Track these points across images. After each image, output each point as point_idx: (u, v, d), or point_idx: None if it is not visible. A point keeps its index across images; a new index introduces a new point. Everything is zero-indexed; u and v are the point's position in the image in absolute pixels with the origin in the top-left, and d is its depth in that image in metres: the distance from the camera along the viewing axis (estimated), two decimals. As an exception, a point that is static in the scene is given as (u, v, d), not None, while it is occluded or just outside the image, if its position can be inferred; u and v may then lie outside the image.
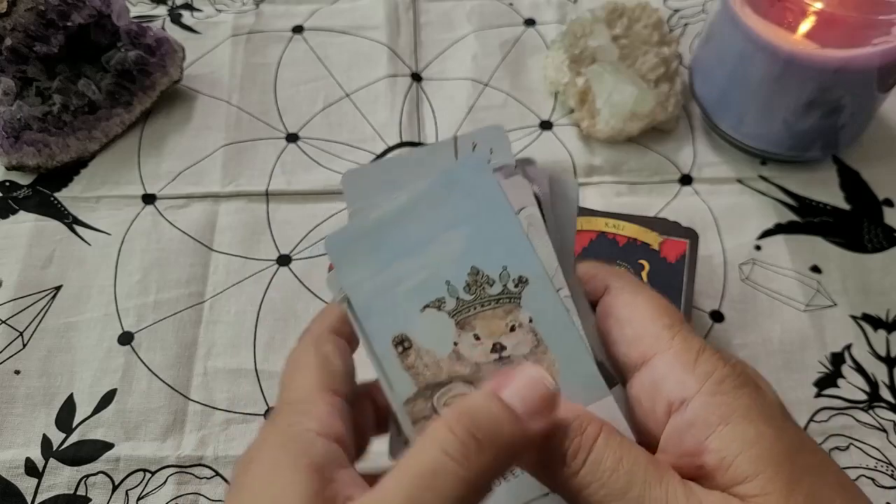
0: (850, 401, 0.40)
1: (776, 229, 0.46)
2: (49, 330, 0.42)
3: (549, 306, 0.24)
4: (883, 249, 0.46)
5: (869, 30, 0.40)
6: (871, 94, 0.45)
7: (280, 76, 0.53)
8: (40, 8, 0.46)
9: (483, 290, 0.25)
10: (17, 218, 0.47)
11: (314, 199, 0.48)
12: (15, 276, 0.44)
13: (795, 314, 0.43)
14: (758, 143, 0.48)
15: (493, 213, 0.25)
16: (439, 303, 0.25)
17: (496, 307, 0.25)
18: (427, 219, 0.25)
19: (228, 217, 0.47)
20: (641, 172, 0.49)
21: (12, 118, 0.47)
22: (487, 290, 0.25)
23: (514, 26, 0.56)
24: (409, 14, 0.57)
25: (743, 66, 0.45)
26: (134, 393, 0.40)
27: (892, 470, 0.38)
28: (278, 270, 0.45)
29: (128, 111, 0.50)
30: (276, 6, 0.57)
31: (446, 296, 0.25)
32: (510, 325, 0.25)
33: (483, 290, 0.25)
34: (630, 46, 0.50)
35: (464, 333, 0.25)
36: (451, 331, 0.25)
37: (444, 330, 0.25)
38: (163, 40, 0.51)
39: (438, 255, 0.25)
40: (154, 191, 0.48)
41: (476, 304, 0.25)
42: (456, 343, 0.25)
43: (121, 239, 0.46)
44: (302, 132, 0.51)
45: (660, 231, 0.41)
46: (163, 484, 0.38)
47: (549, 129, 0.51)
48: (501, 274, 0.25)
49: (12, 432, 0.39)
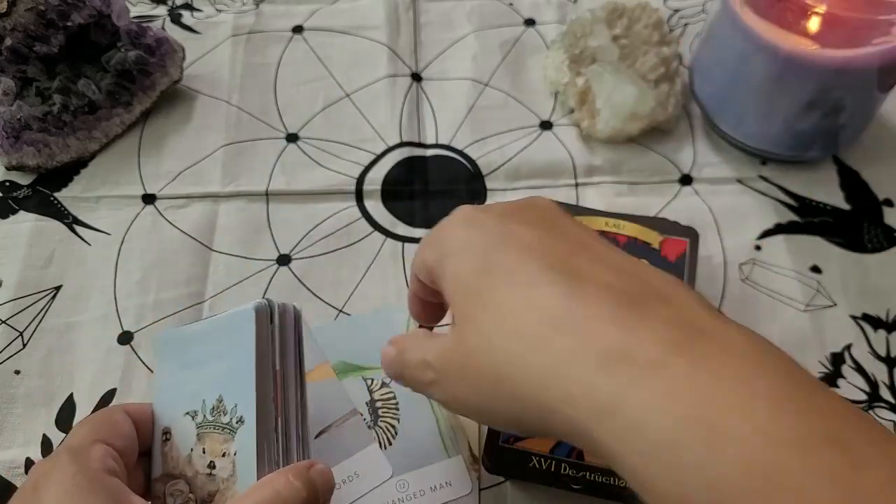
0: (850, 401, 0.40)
1: (776, 229, 0.46)
2: (49, 330, 0.42)
3: (247, 452, 0.29)
4: (883, 249, 0.46)
5: (869, 30, 0.40)
6: (871, 94, 0.45)
7: (280, 76, 0.53)
8: (40, 8, 0.46)
9: (219, 416, 0.30)
10: (17, 218, 0.47)
11: (314, 199, 0.48)
12: (15, 276, 0.44)
13: (795, 314, 0.43)
14: (758, 143, 0.48)
15: (243, 359, 0.29)
16: (194, 413, 0.30)
17: (221, 433, 0.29)
18: (209, 344, 0.31)
19: (228, 217, 0.47)
20: (641, 172, 0.49)
21: (12, 118, 0.47)
22: (221, 417, 0.30)
23: (514, 26, 0.56)
24: (409, 14, 0.57)
25: (743, 66, 0.45)
26: (134, 393, 0.40)
27: (892, 470, 0.38)
28: (278, 270, 0.45)
29: (128, 111, 0.50)
30: (276, 6, 0.57)
31: (199, 410, 0.30)
32: (223, 451, 0.29)
33: (219, 416, 0.30)
34: (630, 46, 0.50)
35: (199, 444, 0.30)
36: (193, 438, 0.30)
37: (189, 436, 0.30)
38: (163, 40, 0.51)
39: (205, 376, 0.30)
40: (154, 191, 0.48)
41: (212, 426, 0.30)
42: (192, 449, 0.30)
43: (121, 239, 0.46)
44: (302, 132, 0.51)
45: (660, 230, 0.41)
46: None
47: (549, 129, 0.51)
48: (232, 409, 0.29)
49: (12, 432, 0.39)
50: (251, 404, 0.28)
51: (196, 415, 0.30)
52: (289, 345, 0.31)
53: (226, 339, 0.30)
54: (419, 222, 0.47)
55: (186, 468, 0.30)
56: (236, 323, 0.30)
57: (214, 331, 0.31)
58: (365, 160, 0.49)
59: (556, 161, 0.49)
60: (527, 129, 0.51)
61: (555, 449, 0.35)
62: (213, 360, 0.30)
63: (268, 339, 0.30)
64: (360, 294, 0.44)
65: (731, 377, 0.21)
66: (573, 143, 0.50)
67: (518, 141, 0.50)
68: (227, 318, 0.31)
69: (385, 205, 0.48)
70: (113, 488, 0.27)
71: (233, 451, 0.29)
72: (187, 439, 0.30)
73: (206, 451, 0.29)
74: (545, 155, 0.49)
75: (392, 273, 0.45)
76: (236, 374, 0.29)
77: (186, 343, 0.32)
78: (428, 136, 0.51)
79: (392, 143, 0.50)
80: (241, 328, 0.30)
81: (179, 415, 0.31)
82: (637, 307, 0.23)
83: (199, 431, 0.30)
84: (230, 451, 0.29)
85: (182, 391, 0.31)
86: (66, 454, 0.28)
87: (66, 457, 0.28)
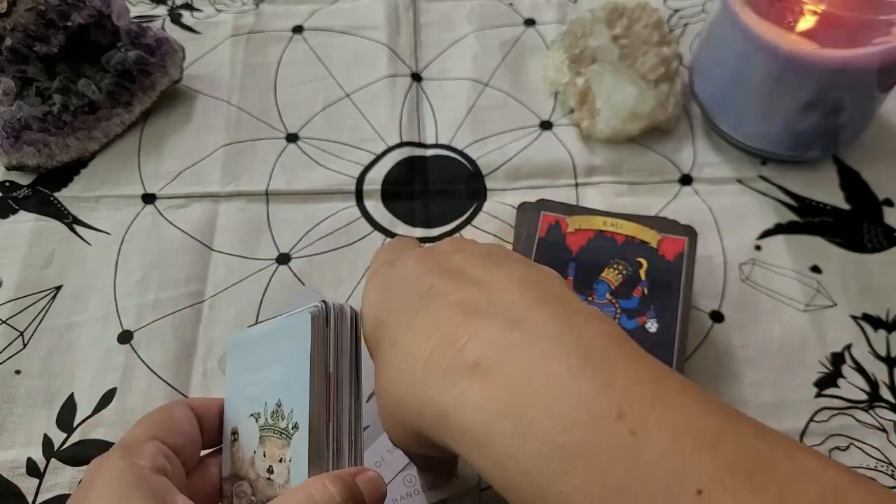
0: (850, 401, 0.40)
1: (776, 229, 0.46)
2: (49, 330, 0.42)
3: (299, 460, 0.29)
4: (883, 249, 0.46)
5: (869, 30, 0.40)
6: (871, 94, 0.45)
7: (280, 76, 0.54)
8: (40, 8, 0.46)
9: (278, 421, 0.30)
10: (17, 218, 0.47)
11: (314, 199, 0.48)
12: (15, 276, 0.44)
13: (795, 314, 0.43)
14: (758, 143, 0.48)
15: (298, 364, 0.29)
16: (257, 416, 0.31)
17: (280, 438, 0.29)
18: (269, 347, 0.31)
19: (228, 217, 0.47)
20: (641, 172, 0.49)
21: (12, 118, 0.47)
22: (280, 422, 0.30)
23: (514, 26, 0.56)
24: (409, 14, 0.57)
25: (743, 66, 0.45)
26: (134, 392, 0.40)
27: (892, 470, 0.38)
28: (278, 269, 0.45)
29: (128, 111, 0.50)
30: (276, 6, 0.57)
31: (261, 413, 0.30)
32: (280, 456, 0.29)
33: (278, 421, 0.30)
34: (630, 46, 0.50)
35: (260, 447, 0.30)
36: (255, 441, 0.30)
37: (253, 438, 0.30)
38: (163, 40, 0.51)
39: (266, 379, 0.31)
40: (154, 191, 0.48)
41: (271, 430, 0.30)
42: (255, 452, 0.30)
43: (121, 238, 0.46)
44: (302, 132, 0.51)
45: (658, 229, 0.41)
46: (163, 484, 0.38)
47: (549, 129, 0.51)
48: (289, 414, 0.29)
49: (13, 432, 0.39)
50: (305, 411, 0.29)
51: (259, 417, 0.31)
52: (344, 347, 0.30)
53: (283, 343, 0.31)
54: (419, 222, 0.47)
55: (250, 470, 0.30)
56: (293, 327, 0.30)
57: (273, 334, 0.31)
58: (365, 160, 0.49)
59: (556, 161, 0.49)
60: (527, 129, 0.51)
61: None
62: (273, 363, 0.31)
63: (323, 343, 0.30)
64: (360, 294, 0.44)
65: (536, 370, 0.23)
66: (573, 143, 0.50)
67: (518, 141, 0.50)
68: (285, 321, 0.31)
69: (385, 205, 0.48)
70: (158, 486, 0.27)
71: (288, 456, 0.29)
72: (251, 441, 0.31)
73: (266, 454, 0.30)
74: (545, 155, 0.49)
75: (392, 273, 0.45)
76: (293, 379, 0.29)
77: (250, 345, 0.32)
78: (428, 136, 0.51)
79: (392, 143, 0.50)
80: (297, 332, 0.30)
81: (245, 416, 0.31)
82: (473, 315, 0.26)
83: (262, 434, 0.30)
84: (286, 456, 0.29)
85: (246, 392, 0.32)
86: (118, 450, 0.28)
87: (117, 453, 0.28)
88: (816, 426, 0.40)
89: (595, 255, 0.40)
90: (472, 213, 0.47)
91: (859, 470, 0.38)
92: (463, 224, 0.47)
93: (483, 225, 0.47)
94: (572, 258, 0.40)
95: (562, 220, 0.41)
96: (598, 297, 0.39)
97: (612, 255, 0.40)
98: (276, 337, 0.31)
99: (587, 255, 0.40)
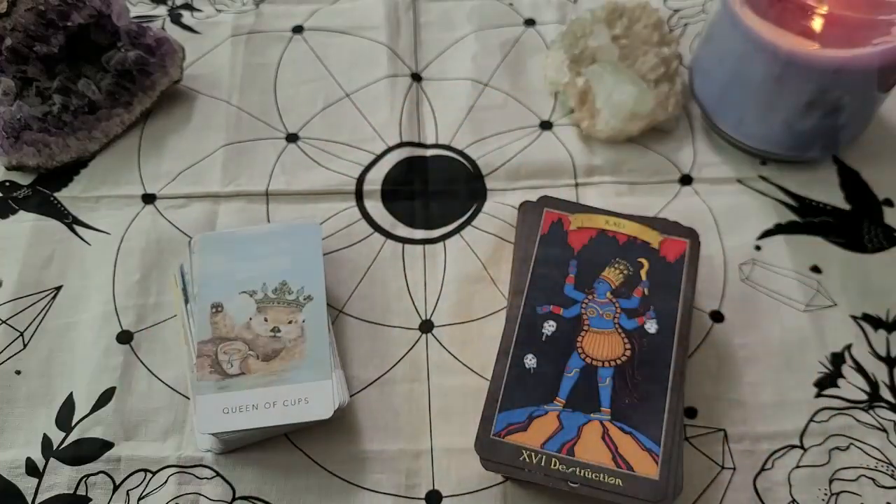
0: (850, 401, 0.40)
1: (776, 229, 0.46)
2: (49, 330, 0.42)
3: (317, 318, 0.40)
4: (883, 249, 0.46)
5: (869, 30, 0.40)
6: (871, 94, 0.45)
7: (280, 76, 0.54)
8: (40, 8, 0.46)
9: (283, 295, 0.40)
10: (17, 218, 0.47)
11: (314, 199, 0.48)
12: (15, 276, 0.44)
13: (795, 314, 0.43)
14: (758, 143, 0.48)
15: (309, 255, 0.42)
16: (252, 293, 0.40)
17: (286, 307, 0.40)
18: (270, 245, 0.42)
19: (228, 217, 0.47)
20: (641, 172, 0.49)
21: (12, 118, 0.47)
22: (286, 296, 0.40)
23: (514, 26, 0.56)
24: (409, 14, 0.57)
25: (743, 66, 0.45)
26: (133, 392, 0.40)
27: (892, 470, 0.38)
28: (278, 270, 0.45)
29: (128, 111, 0.50)
30: (276, 6, 0.57)
31: (258, 290, 0.40)
32: (290, 319, 0.40)
33: (283, 295, 0.40)
34: (630, 46, 0.51)
35: (258, 315, 0.40)
36: (251, 311, 0.40)
37: (247, 309, 0.40)
38: (163, 40, 0.51)
39: (266, 267, 0.41)
40: (154, 191, 0.48)
41: (275, 301, 0.40)
42: (251, 319, 0.39)
43: (120, 239, 0.46)
44: (302, 132, 0.51)
45: (660, 230, 0.41)
46: (163, 484, 0.38)
47: (549, 129, 0.51)
48: (299, 290, 0.40)
49: (13, 432, 0.39)
50: (321, 286, 0.40)
51: (255, 294, 0.40)
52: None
53: (287, 241, 0.42)
54: (419, 222, 0.47)
55: (244, 333, 0.39)
56: (300, 232, 0.42)
57: (274, 235, 0.42)
58: (365, 160, 0.49)
59: (556, 161, 0.49)
60: (527, 129, 0.51)
61: (545, 443, 0.35)
62: (274, 255, 0.41)
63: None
64: (360, 294, 0.44)
65: None
66: (573, 143, 0.50)
67: (518, 141, 0.50)
68: (288, 227, 0.43)
69: (385, 205, 0.48)
70: None
71: (301, 319, 0.39)
72: (243, 312, 0.39)
73: (268, 319, 0.39)
74: (545, 155, 0.49)
75: (392, 274, 0.45)
76: (302, 265, 0.41)
77: (238, 242, 0.42)
78: (428, 136, 0.51)
79: (392, 143, 0.50)
80: (305, 235, 0.42)
81: (233, 294, 0.40)
82: None
83: (260, 305, 0.40)
84: (298, 319, 0.39)
85: (234, 277, 0.40)
86: None
87: None
88: (816, 426, 0.40)
89: (597, 253, 0.40)
90: (472, 213, 0.47)
91: (859, 470, 0.39)
92: (463, 224, 0.47)
93: (483, 225, 0.47)
94: (574, 256, 0.40)
95: (564, 218, 0.41)
96: (599, 295, 0.39)
97: (613, 254, 0.40)
98: (275, 237, 0.42)
99: (589, 253, 0.40)
